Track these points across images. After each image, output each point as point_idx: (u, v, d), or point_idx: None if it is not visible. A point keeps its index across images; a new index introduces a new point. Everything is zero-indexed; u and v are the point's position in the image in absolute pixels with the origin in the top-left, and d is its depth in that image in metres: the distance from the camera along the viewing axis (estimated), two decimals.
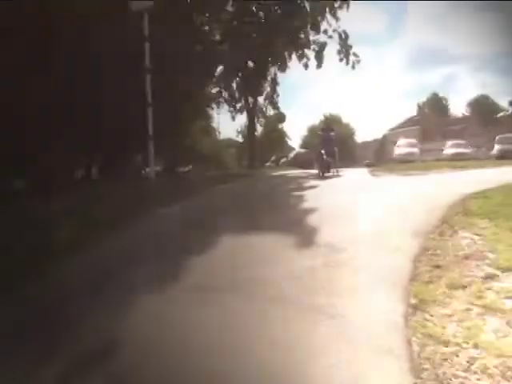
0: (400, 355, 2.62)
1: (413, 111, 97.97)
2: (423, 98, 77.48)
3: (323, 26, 25.04)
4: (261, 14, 25.65)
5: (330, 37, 25.17)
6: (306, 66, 26.11)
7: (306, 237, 5.30)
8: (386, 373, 2.46)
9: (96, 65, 15.82)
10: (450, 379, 2.39)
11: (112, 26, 15.55)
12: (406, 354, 2.64)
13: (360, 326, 3.00)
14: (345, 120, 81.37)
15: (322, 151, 15.35)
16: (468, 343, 2.70)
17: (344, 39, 25.17)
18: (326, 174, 14.87)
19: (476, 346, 2.65)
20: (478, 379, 2.37)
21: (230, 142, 47.81)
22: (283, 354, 2.72)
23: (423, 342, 2.75)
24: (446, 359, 2.57)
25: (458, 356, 2.59)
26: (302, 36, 25.53)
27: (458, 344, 2.70)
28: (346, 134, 79.38)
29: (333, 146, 15.79)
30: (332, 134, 16.61)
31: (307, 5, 24.60)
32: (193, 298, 3.74)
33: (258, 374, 2.55)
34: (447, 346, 2.69)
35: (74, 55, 14.56)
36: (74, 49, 14.47)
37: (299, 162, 28.29)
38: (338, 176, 14.91)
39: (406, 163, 22.68)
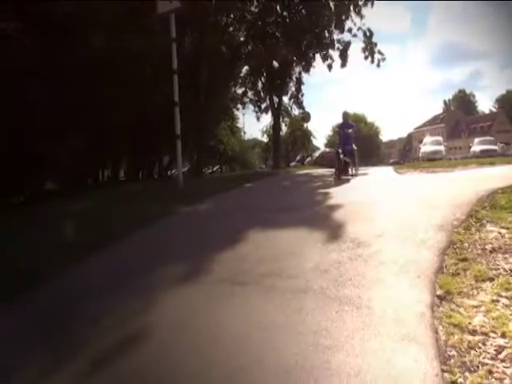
0: (426, 343, 2.64)
1: (438, 109, 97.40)
2: (449, 96, 76.63)
3: (347, 24, 24.93)
4: (285, 13, 25.63)
5: (355, 35, 25.03)
6: (329, 67, 26.01)
7: (331, 232, 5.32)
8: (412, 360, 2.48)
9: (122, 66, 16.09)
10: (477, 366, 2.40)
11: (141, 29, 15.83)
12: (432, 342, 2.66)
13: (386, 316, 3.02)
14: (370, 119, 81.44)
15: (339, 150, 13.82)
16: (495, 332, 2.71)
17: (369, 37, 24.97)
18: (343, 177, 13.11)
19: (504, 336, 2.66)
20: (506, 367, 2.38)
21: (255, 142, 47.86)
22: (308, 342, 2.76)
23: (450, 331, 2.77)
24: (472, 348, 2.59)
25: (485, 345, 2.61)
26: (327, 35, 25.43)
27: (485, 333, 2.72)
28: (372, 132, 79.26)
29: (351, 144, 14.17)
30: (350, 130, 14.53)
31: (331, 3, 24.48)
32: (219, 291, 3.82)
33: (283, 363, 2.58)
34: (474, 335, 2.71)
35: (102, 56, 14.85)
36: (102, 50, 14.75)
37: (324, 161, 28.17)
38: (355, 176, 13.43)
39: (431, 161, 22.38)
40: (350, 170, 13.88)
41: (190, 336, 3.09)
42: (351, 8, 24.47)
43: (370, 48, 25.18)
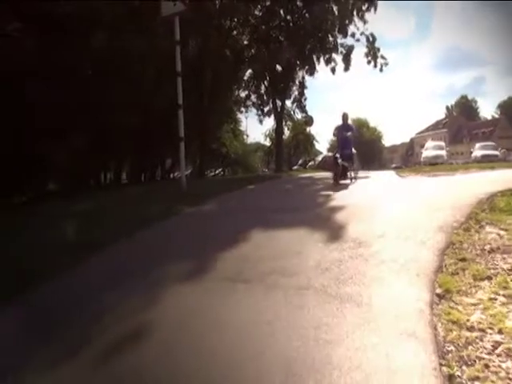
0: (425, 339, 2.70)
1: (441, 114, 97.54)
2: (452, 101, 76.94)
3: (351, 29, 25.06)
4: (288, 17, 25.74)
5: (358, 40, 25.15)
6: (333, 70, 26.13)
7: (332, 232, 5.39)
8: (411, 354, 2.54)
9: (125, 68, 16.15)
10: (475, 361, 2.46)
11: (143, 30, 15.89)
12: (431, 338, 2.71)
13: (385, 312, 3.08)
14: (372, 123, 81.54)
15: (337, 155, 13.22)
16: (492, 329, 2.76)
17: (372, 42, 25.09)
18: (342, 181, 12.56)
19: (500, 332, 2.72)
20: (502, 361, 2.43)
21: (258, 146, 47.85)
22: (310, 337, 2.82)
23: (448, 328, 2.82)
24: (470, 343, 2.64)
25: (482, 340, 2.66)
26: (330, 39, 25.55)
27: (482, 330, 2.77)
28: (374, 137, 79.38)
29: (350, 148, 13.57)
30: (349, 133, 13.73)
31: (335, 8, 24.59)
32: (222, 288, 3.88)
33: (285, 357, 2.64)
34: (472, 332, 2.76)
35: (102, 57, 14.93)
36: (102, 50, 14.82)
37: (326, 165, 28.20)
38: (354, 181, 13.00)
39: (433, 165, 22.46)
40: (348, 174, 13.23)
41: (194, 332, 3.15)
42: (354, 13, 24.59)
43: (372, 53, 25.31)
